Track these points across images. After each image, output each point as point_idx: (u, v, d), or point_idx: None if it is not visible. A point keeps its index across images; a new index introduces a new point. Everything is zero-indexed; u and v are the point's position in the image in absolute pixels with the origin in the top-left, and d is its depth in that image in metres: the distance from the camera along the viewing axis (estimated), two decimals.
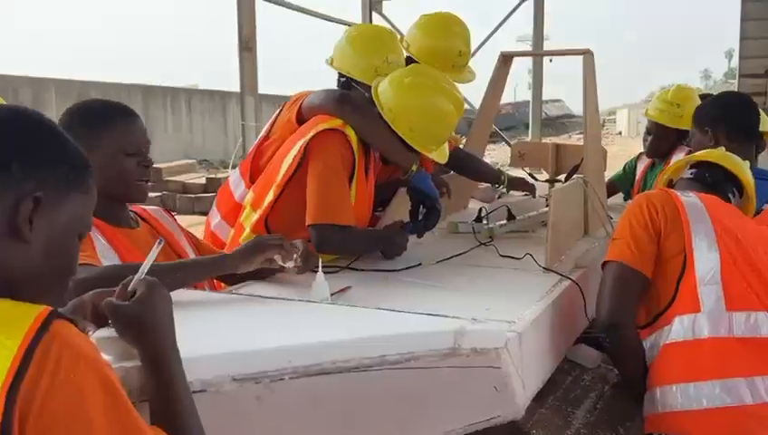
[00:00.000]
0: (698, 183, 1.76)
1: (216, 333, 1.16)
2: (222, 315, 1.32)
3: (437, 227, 2.22)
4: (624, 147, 16.51)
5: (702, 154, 1.84)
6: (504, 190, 2.88)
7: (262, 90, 8.56)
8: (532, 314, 1.46)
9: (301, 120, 2.08)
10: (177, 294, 1.32)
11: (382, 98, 1.99)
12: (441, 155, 2.08)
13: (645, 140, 3.12)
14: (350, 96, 2.05)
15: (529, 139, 13.71)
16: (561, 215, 2.07)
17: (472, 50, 2.70)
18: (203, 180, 9.10)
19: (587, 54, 2.48)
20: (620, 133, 27.46)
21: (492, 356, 1.20)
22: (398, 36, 2.57)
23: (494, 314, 1.42)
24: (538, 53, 3.64)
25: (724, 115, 2.16)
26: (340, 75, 2.28)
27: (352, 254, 1.98)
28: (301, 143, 1.91)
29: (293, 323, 1.26)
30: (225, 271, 1.47)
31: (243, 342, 1.07)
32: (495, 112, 3.03)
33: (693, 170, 1.80)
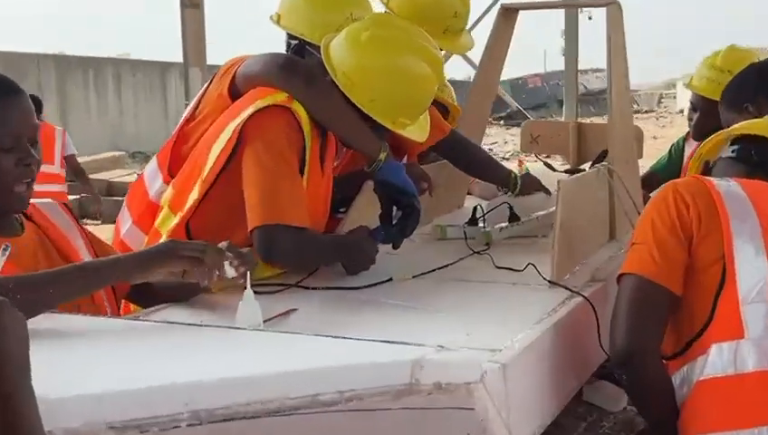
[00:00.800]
0: (742, 164, 1.73)
1: (95, 369, 1.16)
2: (109, 347, 1.31)
3: (417, 231, 2.23)
4: (686, 128, 16.45)
5: (745, 125, 1.82)
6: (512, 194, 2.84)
7: (214, 59, 8.57)
8: (524, 340, 1.46)
9: (235, 93, 2.08)
10: (55, 321, 1.32)
11: (335, 59, 1.99)
12: (418, 131, 2.08)
13: (690, 119, 3.13)
14: (300, 62, 2.05)
15: (562, 118, 13.78)
16: (574, 212, 2.08)
17: (471, 9, 2.71)
18: (135, 178, 9.08)
19: (612, 5, 2.50)
20: (681, 112, 27.64)
21: (461, 394, 1.20)
22: None
23: (474, 341, 1.43)
24: (548, 4, 3.65)
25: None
26: (291, 37, 2.28)
27: (308, 265, 1.99)
28: (234, 125, 1.91)
29: (203, 356, 1.26)
30: (113, 280, 1.46)
31: (128, 379, 1.07)
32: (496, 84, 3.04)
33: (735, 147, 1.78)
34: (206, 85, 2.28)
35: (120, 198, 8.04)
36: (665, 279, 1.58)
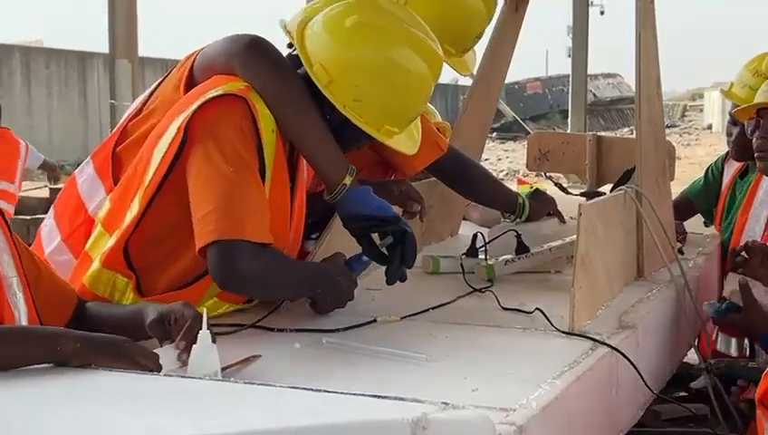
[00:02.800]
0: None
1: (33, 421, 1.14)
2: (41, 398, 1.29)
3: None
4: (715, 147, 16.74)
5: None
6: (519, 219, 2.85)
7: (148, 50, 8.53)
8: (543, 398, 1.47)
9: (192, 85, 2.06)
10: None
11: (311, 47, 1.97)
12: (407, 142, 2.08)
13: (729, 135, 3.18)
14: (270, 45, 2.03)
15: (568, 131, 13.93)
16: (596, 244, 2.09)
17: None
18: (46, 192, 9.01)
19: None
20: (710, 127, 28.06)
21: None
22: None
23: (482, 398, 1.44)
24: None
25: None
26: (291, 45, 2.26)
27: (276, 293, 1.97)
28: (179, 121, 1.89)
29: (145, 412, 1.24)
30: (51, 357, 1.44)
31: None
32: (498, 90, 3.07)
33: None
34: (160, 79, 2.27)
35: (28, 218, 7.97)
36: None
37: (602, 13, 28.16)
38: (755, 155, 2.74)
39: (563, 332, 1.89)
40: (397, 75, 1.97)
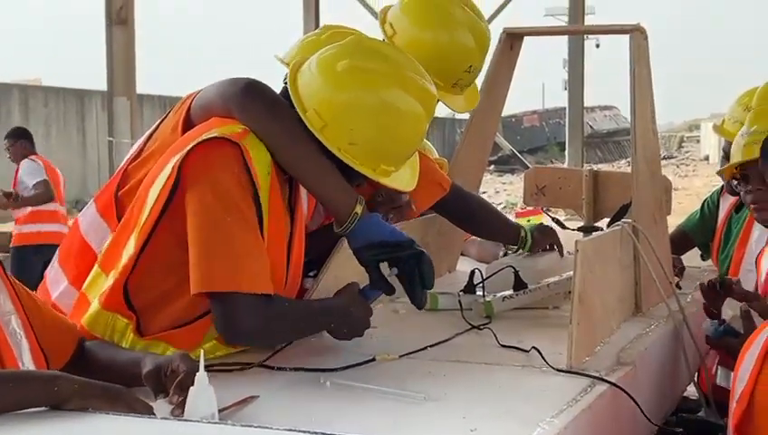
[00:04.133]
0: None
1: None
2: None
3: (401, 301, 2.22)
4: (712, 179, 16.85)
5: None
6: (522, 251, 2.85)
7: (147, 88, 8.56)
8: None
9: (189, 127, 2.08)
10: None
11: (304, 92, 1.99)
12: (405, 179, 2.09)
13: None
14: (266, 88, 2.05)
15: (565, 164, 13.96)
16: (594, 280, 2.09)
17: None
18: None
19: (635, 32, 2.57)
20: (707, 159, 28.15)
21: None
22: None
23: None
24: (557, 31, 3.67)
25: None
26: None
27: (282, 341, 1.98)
28: (173, 161, 1.90)
29: None
30: (48, 400, 1.43)
31: None
32: (495, 124, 3.08)
33: None
34: (159, 120, 2.28)
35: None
36: None
37: (598, 46, 28.39)
38: (752, 209, 2.67)
39: (561, 370, 1.89)
40: (390, 117, 1.97)
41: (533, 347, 1.99)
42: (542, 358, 1.93)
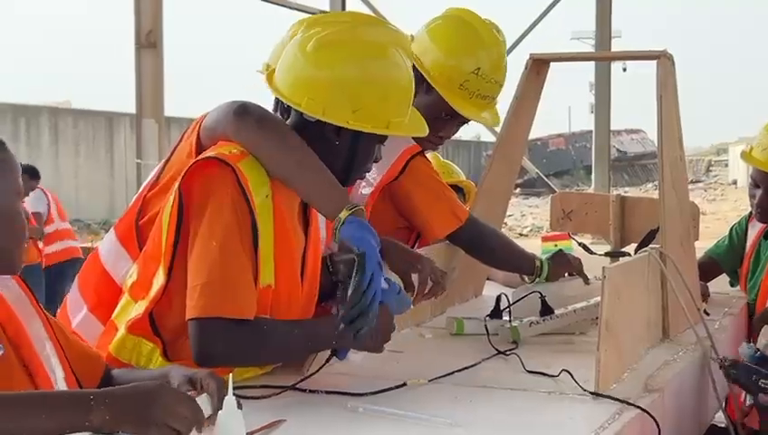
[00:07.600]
0: None
1: None
2: None
3: (428, 325, 2.23)
4: (742, 202, 16.76)
5: None
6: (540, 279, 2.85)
7: (174, 111, 8.62)
8: None
9: (201, 151, 2.10)
10: None
11: (289, 91, 2.00)
12: (415, 124, 2.10)
13: (752, 197, 3.16)
14: (255, 106, 2.08)
15: (591, 189, 13.91)
16: (621, 306, 2.10)
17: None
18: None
19: (662, 59, 2.57)
20: (735, 183, 27.96)
21: None
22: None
23: None
24: (583, 57, 3.71)
25: None
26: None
27: (265, 362, 2.00)
28: (176, 185, 1.94)
29: None
30: (77, 428, 1.40)
31: None
32: (522, 150, 3.09)
33: None
34: (175, 143, 2.30)
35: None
36: None
37: (624, 69, 28.29)
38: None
39: (590, 392, 1.89)
40: (377, 69, 2.00)
41: (564, 370, 1.99)
42: (575, 380, 1.93)
